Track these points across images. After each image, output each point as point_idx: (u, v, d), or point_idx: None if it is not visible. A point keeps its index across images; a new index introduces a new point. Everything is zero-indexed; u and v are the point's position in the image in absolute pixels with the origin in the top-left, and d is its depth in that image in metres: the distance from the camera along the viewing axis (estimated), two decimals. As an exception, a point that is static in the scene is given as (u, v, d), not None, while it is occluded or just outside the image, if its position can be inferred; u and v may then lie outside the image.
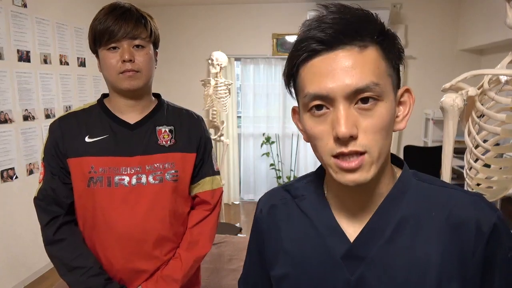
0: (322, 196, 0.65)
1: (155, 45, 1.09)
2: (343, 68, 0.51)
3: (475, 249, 0.55)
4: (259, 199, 0.76)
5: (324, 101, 0.53)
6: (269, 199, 0.73)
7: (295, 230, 0.67)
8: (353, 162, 0.52)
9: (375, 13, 0.55)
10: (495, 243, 0.55)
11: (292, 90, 0.60)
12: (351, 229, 0.61)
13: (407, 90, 0.59)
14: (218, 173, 1.21)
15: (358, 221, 0.61)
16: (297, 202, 0.68)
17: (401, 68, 0.58)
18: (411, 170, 0.64)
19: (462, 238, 0.56)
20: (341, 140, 0.52)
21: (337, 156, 0.53)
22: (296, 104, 0.62)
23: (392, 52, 0.56)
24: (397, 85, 0.57)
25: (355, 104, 0.52)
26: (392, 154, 0.62)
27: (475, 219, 0.56)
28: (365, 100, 0.52)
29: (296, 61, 0.56)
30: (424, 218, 0.58)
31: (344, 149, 0.52)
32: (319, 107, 0.54)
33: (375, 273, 0.57)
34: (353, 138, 0.51)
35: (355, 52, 0.52)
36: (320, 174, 0.68)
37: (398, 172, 0.63)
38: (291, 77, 0.59)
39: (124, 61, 0.99)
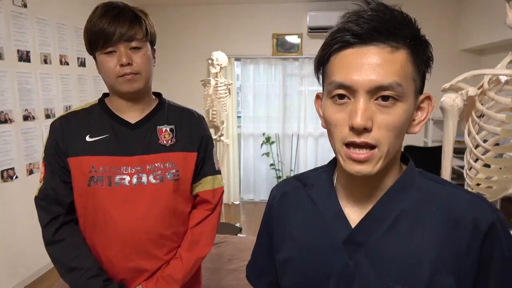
0: (330, 185, 0.69)
1: (152, 43, 1.08)
2: (371, 64, 0.54)
3: (470, 246, 0.57)
4: (274, 187, 0.80)
5: (347, 91, 0.56)
6: (282, 187, 0.78)
7: (302, 216, 0.70)
8: (362, 155, 0.56)
9: (414, 18, 0.58)
10: (492, 242, 0.57)
11: (320, 76, 0.63)
12: (355, 216, 0.63)
13: (428, 98, 0.61)
14: (219, 172, 1.21)
15: (362, 209, 0.63)
16: (307, 190, 0.72)
17: (427, 76, 0.61)
18: (418, 168, 0.66)
19: (458, 234, 0.57)
20: (355, 130, 0.55)
21: (349, 144, 0.56)
22: (321, 91, 0.65)
23: (422, 58, 0.58)
24: (420, 90, 0.60)
25: (376, 99, 0.55)
26: (402, 153, 0.65)
27: (472, 217, 0.57)
28: (385, 98, 0.55)
29: (329, 49, 0.58)
30: (424, 213, 0.60)
31: (357, 139, 0.55)
32: (341, 97, 0.57)
33: (371, 260, 0.60)
34: (366, 130, 0.54)
35: (386, 51, 0.55)
36: (332, 166, 0.72)
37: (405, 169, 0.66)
38: (321, 64, 0.62)
39: (122, 65, 0.98)
